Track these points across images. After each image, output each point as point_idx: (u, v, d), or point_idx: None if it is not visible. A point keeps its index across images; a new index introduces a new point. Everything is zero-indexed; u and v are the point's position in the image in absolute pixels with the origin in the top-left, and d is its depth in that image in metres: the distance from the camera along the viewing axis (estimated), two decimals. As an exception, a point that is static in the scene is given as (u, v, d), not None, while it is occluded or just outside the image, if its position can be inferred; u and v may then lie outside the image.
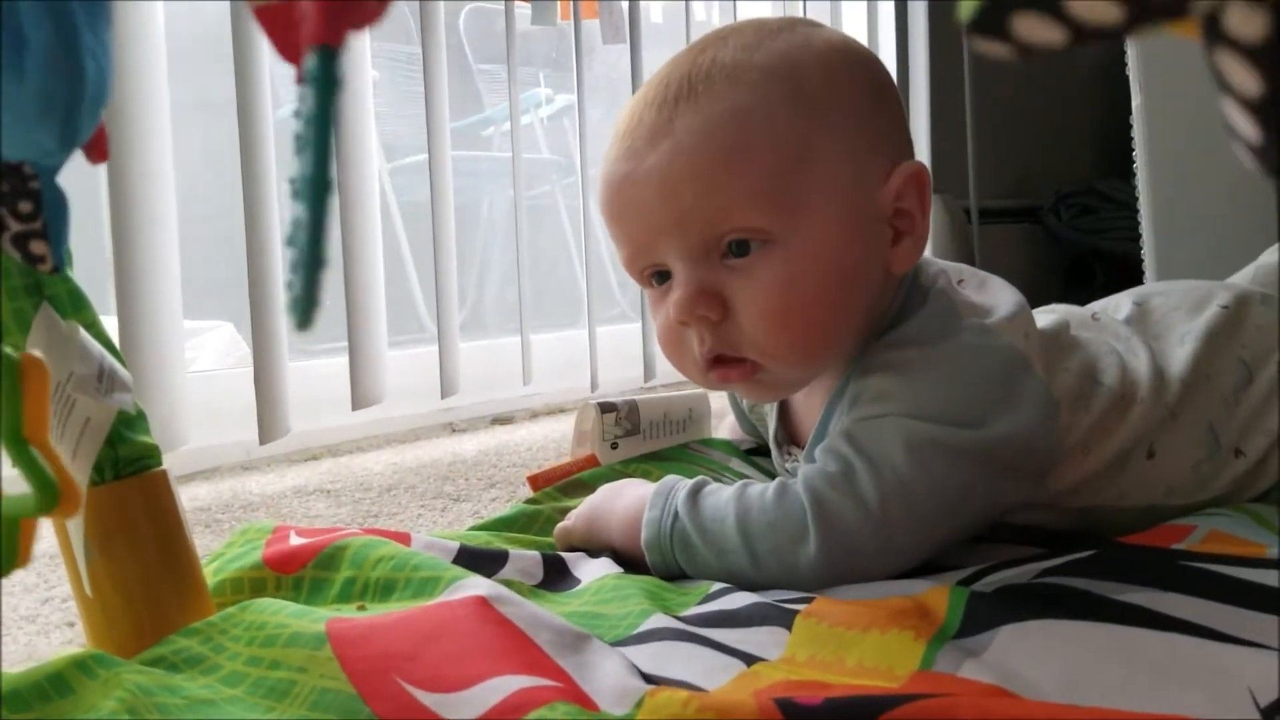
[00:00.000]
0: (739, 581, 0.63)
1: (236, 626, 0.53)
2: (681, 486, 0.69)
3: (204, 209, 1.93)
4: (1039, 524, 0.71)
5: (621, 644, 0.54)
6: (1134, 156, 1.39)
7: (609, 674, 0.48)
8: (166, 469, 0.56)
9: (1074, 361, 0.70)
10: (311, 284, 0.27)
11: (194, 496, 1.11)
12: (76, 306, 0.54)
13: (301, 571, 0.63)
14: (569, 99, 2.79)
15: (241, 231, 1.17)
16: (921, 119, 2.17)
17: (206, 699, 0.47)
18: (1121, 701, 0.44)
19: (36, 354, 0.43)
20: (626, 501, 0.71)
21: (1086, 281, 2.20)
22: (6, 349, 0.42)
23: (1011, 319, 0.68)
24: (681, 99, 0.67)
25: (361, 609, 0.58)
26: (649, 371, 1.73)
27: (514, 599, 0.55)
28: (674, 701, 0.44)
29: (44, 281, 0.52)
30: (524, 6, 1.66)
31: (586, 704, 0.45)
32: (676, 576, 0.66)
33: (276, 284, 1.19)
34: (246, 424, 1.20)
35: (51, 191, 0.41)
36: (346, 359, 1.28)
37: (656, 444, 0.91)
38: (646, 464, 0.88)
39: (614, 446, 0.88)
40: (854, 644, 0.52)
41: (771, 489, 0.66)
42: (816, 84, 0.68)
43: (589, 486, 0.80)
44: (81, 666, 0.48)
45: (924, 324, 0.69)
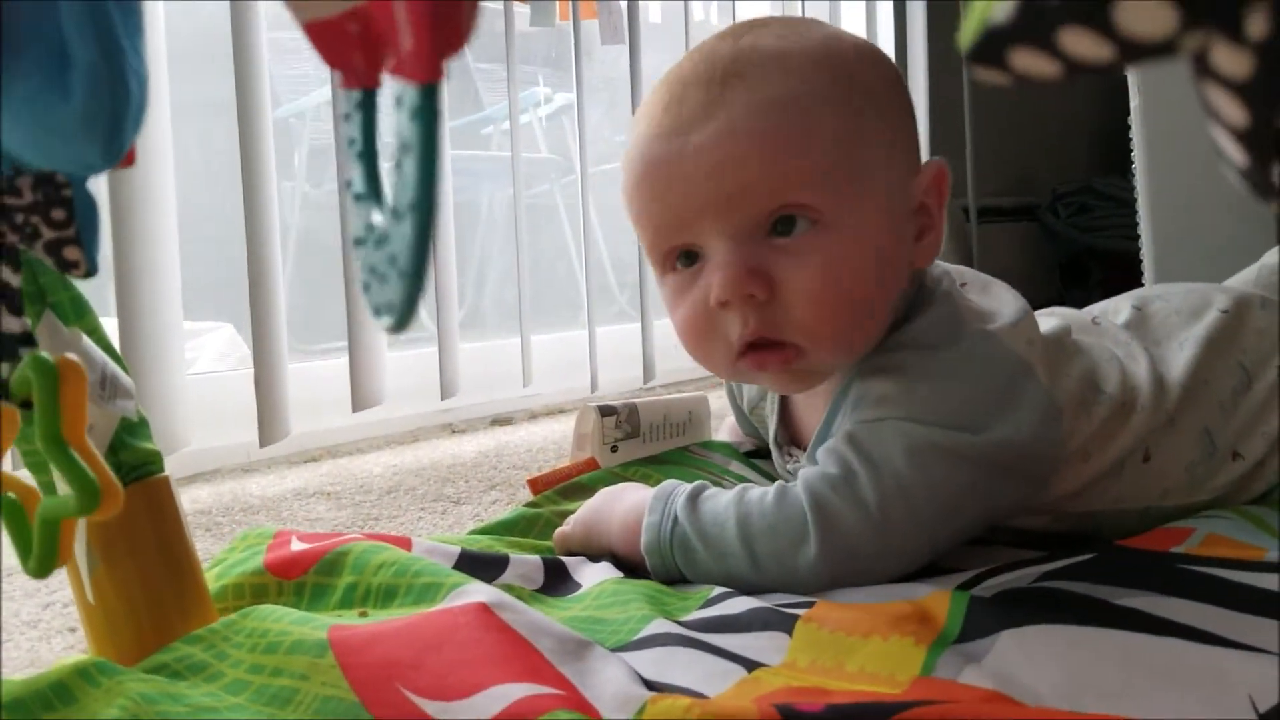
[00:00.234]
0: (740, 585, 0.64)
1: (239, 634, 0.53)
2: (680, 491, 0.69)
3: (203, 209, 1.94)
4: (1039, 528, 0.71)
5: (623, 649, 0.54)
6: (1132, 154, 1.39)
7: (610, 681, 0.48)
8: (168, 474, 0.57)
9: (1076, 368, 0.71)
10: (413, 297, 0.31)
11: (195, 499, 1.11)
12: (79, 313, 0.54)
13: (303, 577, 0.63)
14: (568, 98, 2.79)
15: (241, 232, 1.17)
16: (920, 117, 2.16)
17: (209, 706, 0.47)
18: (1121, 707, 0.45)
19: (72, 357, 0.43)
20: (625, 507, 0.71)
21: (1083, 279, 2.20)
22: (43, 353, 0.43)
23: (1015, 325, 0.68)
24: (731, 78, 0.66)
25: (364, 615, 0.58)
26: (649, 372, 1.73)
27: (515, 605, 0.55)
28: (675, 709, 0.44)
29: (46, 288, 0.52)
30: (522, 7, 1.66)
31: (588, 711, 0.45)
32: (677, 581, 0.67)
33: (276, 285, 1.20)
34: (247, 426, 1.20)
35: (83, 197, 0.42)
36: (346, 360, 1.28)
37: (656, 447, 0.91)
38: (646, 467, 0.88)
39: (614, 449, 0.89)
40: (855, 650, 0.52)
41: (771, 492, 0.66)
42: (861, 76, 0.69)
43: (589, 490, 0.80)
44: (84, 674, 0.48)
45: (928, 327, 0.69)
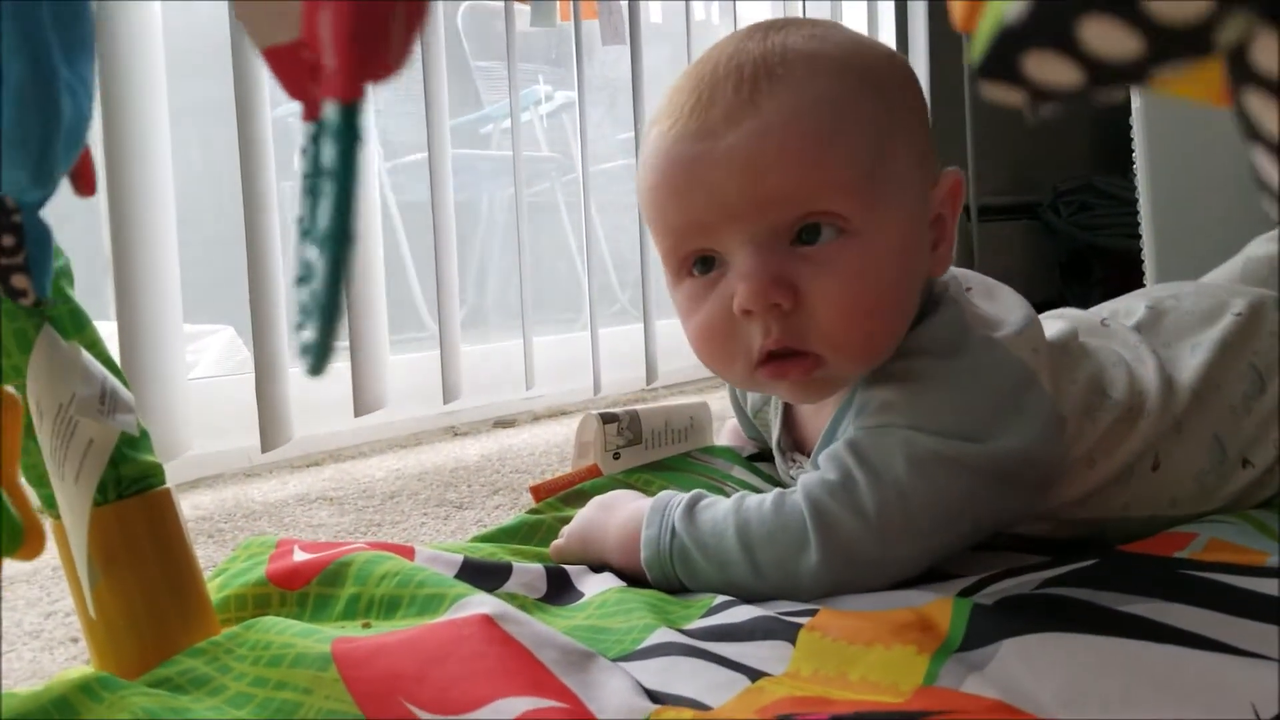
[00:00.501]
0: (741, 593, 0.64)
1: (242, 646, 0.53)
2: (677, 502, 0.68)
3: (203, 212, 1.93)
4: (1043, 535, 0.71)
5: (626, 659, 0.54)
6: (1133, 152, 1.39)
7: (615, 693, 0.48)
8: (170, 487, 0.57)
9: (1082, 373, 0.70)
10: (327, 333, 0.28)
11: (197, 505, 1.11)
12: (78, 326, 0.54)
13: (306, 588, 0.63)
14: (568, 96, 2.79)
15: (241, 235, 1.17)
16: (921, 115, 2.17)
17: (213, 720, 0.48)
18: (1123, 715, 0.44)
19: (9, 390, 0.43)
20: (621, 519, 0.71)
21: (1084, 278, 2.20)
22: None
23: (1020, 333, 0.68)
24: (762, 79, 0.65)
25: (367, 626, 0.58)
26: (651, 373, 1.73)
27: (519, 617, 0.55)
28: (679, 721, 0.44)
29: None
30: (523, 6, 1.65)
31: (592, 724, 0.45)
32: (678, 590, 0.67)
33: (277, 289, 1.20)
34: (249, 430, 1.20)
35: (34, 225, 0.41)
36: (348, 364, 1.28)
37: (659, 453, 0.91)
38: (649, 473, 0.88)
39: (616, 456, 0.88)
40: (858, 659, 0.52)
41: (769, 499, 0.66)
42: (889, 82, 0.68)
43: (590, 497, 0.80)
44: (86, 689, 0.48)
45: (934, 333, 0.69)
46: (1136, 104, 1.35)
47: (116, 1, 1.06)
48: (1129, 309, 0.80)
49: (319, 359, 0.28)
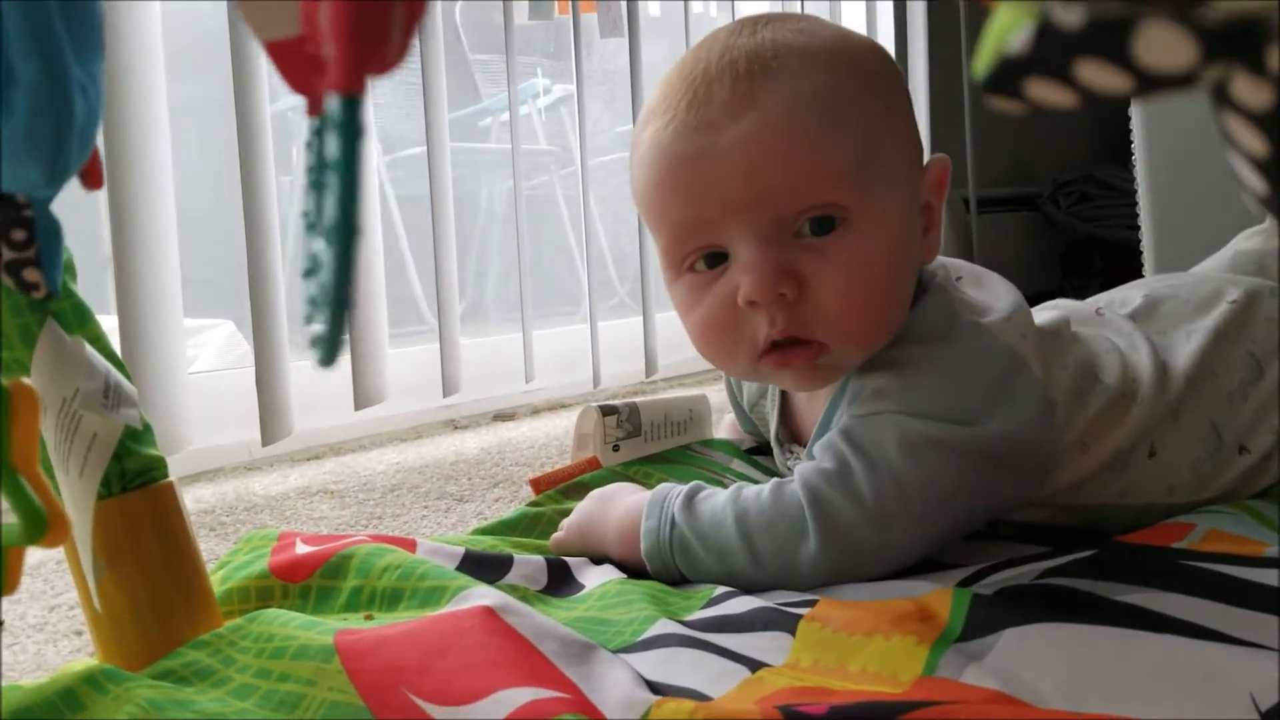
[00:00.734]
0: (741, 583, 0.64)
1: (245, 638, 0.53)
2: (676, 494, 0.69)
3: (202, 207, 1.93)
4: (1040, 522, 0.71)
5: (627, 650, 0.54)
6: (1132, 144, 1.39)
7: (616, 684, 0.48)
8: (173, 481, 0.57)
9: (1072, 358, 0.71)
10: (338, 325, 0.28)
11: (198, 498, 1.11)
12: (81, 321, 0.54)
13: (308, 580, 0.63)
14: (566, 89, 2.78)
15: (240, 229, 1.17)
16: (920, 107, 2.17)
17: (217, 712, 0.48)
18: (1123, 706, 0.45)
19: (25, 381, 0.43)
20: (620, 512, 0.71)
21: (1084, 269, 2.20)
22: None
23: (1009, 319, 0.68)
24: (758, 74, 0.65)
25: (369, 618, 0.58)
26: (650, 367, 1.73)
27: (520, 609, 0.55)
28: (680, 712, 0.44)
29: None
30: (521, 1, 1.65)
31: (594, 715, 0.45)
32: (678, 582, 0.67)
33: (277, 283, 1.20)
34: (249, 424, 1.21)
35: (45, 219, 0.41)
36: (348, 358, 1.28)
37: (658, 445, 0.92)
38: (648, 466, 0.88)
39: (616, 449, 0.89)
40: (857, 649, 0.52)
41: (767, 489, 0.66)
42: (876, 73, 0.69)
43: (590, 489, 0.80)
44: (91, 681, 0.48)
45: (923, 320, 0.69)
46: (1135, 95, 1.35)
47: (117, 0, 1.06)
48: (1125, 299, 0.81)
49: (329, 351, 0.29)
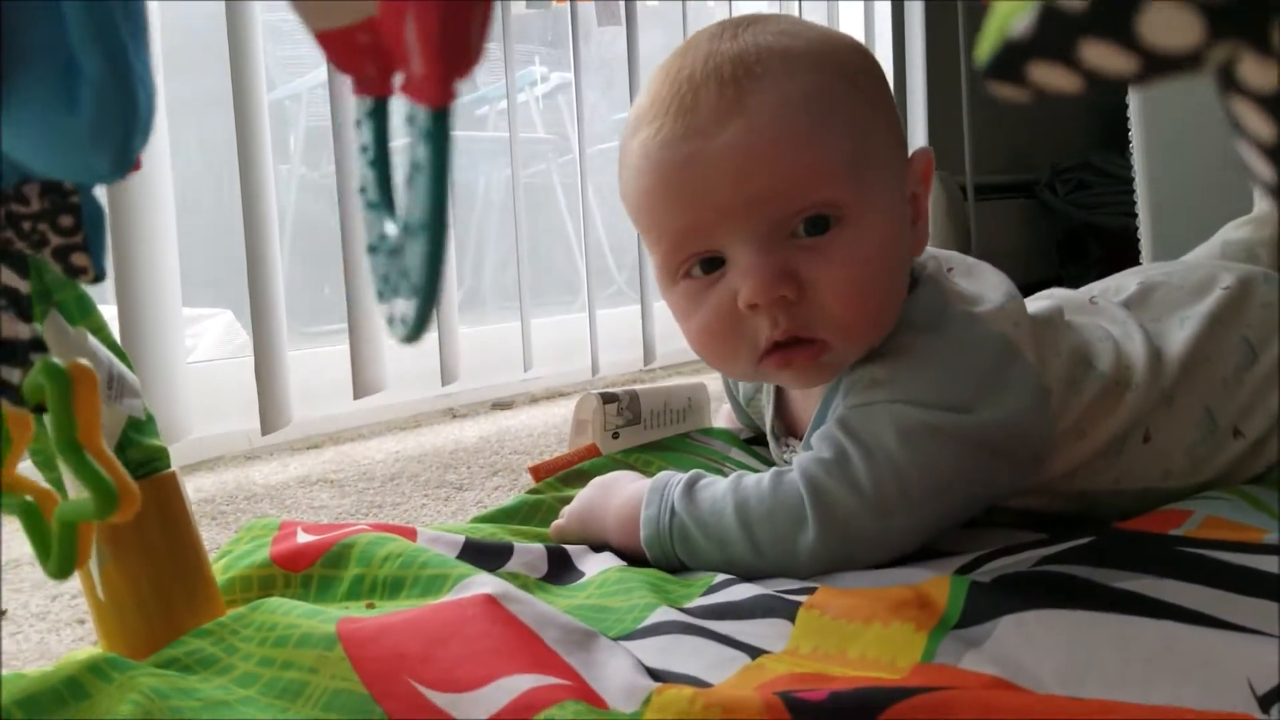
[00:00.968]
0: (740, 571, 0.64)
1: (248, 627, 0.54)
2: (676, 482, 0.69)
3: (200, 194, 1.93)
4: (1037, 508, 0.71)
5: (628, 638, 0.55)
6: (1130, 131, 1.39)
7: (617, 672, 0.49)
8: (175, 470, 0.57)
9: (1065, 346, 0.71)
10: (426, 313, 0.32)
11: (199, 488, 1.11)
12: (84, 312, 0.54)
13: (310, 569, 0.63)
14: (564, 77, 2.78)
15: (238, 217, 1.17)
16: (918, 95, 2.17)
17: (221, 700, 0.48)
18: (1120, 692, 0.45)
19: (83, 362, 0.44)
20: (621, 500, 0.72)
21: (1082, 256, 2.20)
22: (54, 359, 0.43)
23: (1001, 308, 0.69)
24: (743, 79, 0.65)
25: (371, 607, 0.59)
26: (649, 355, 1.73)
27: (522, 597, 0.55)
28: (680, 699, 0.45)
29: (51, 287, 0.53)
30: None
31: (596, 702, 0.46)
32: (678, 570, 0.67)
33: (276, 272, 1.20)
34: (248, 413, 1.21)
35: (90, 204, 0.42)
36: (347, 346, 1.28)
37: (657, 433, 0.92)
38: (647, 454, 0.89)
39: (615, 436, 0.89)
40: (856, 636, 0.53)
41: (767, 478, 0.67)
42: (861, 72, 0.70)
43: (590, 477, 0.80)
44: (95, 670, 0.48)
45: (916, 311, 0.70)
46: (1133, 83, 1.35)
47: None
48: (1119, 286, 0.81)
49: (416, 329, 0.32)
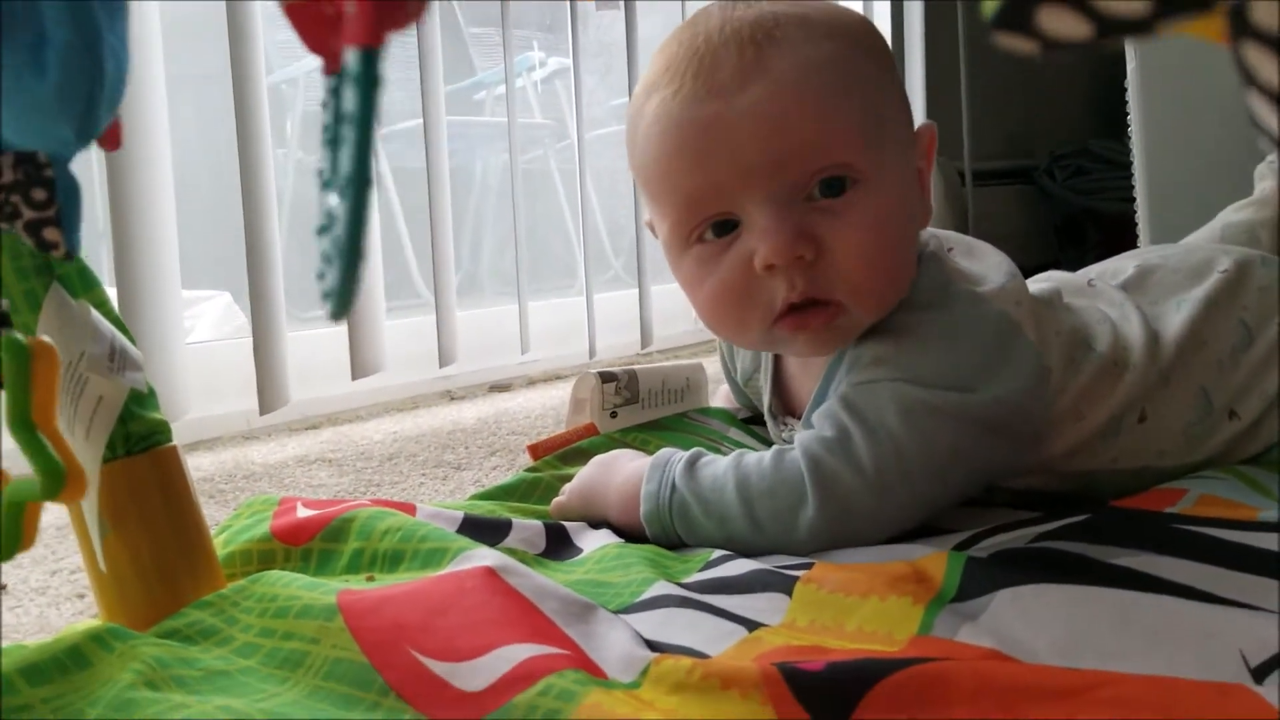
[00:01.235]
0: (739, 548, 0.65)
1: (249, 599, 0.54)
2: (678, 458, 0.70)
3: (199, 177, 1.93)
4: (1034, 487, 0.72)
5: (626, 611, 0.55)
6: (1128, 117, 1.39)
7: (615, 643, 0.49)
8: (176, 445, 0.57)
9: (1064, 326, 0.71)
10: (351, 277, 0.28)
11: (197, 467, 1.11)
12: (87, 286, 0.54)
13: (310, 543, 0.64)
14: (562, 62, 2.78)
15: (237, 199, 1.17)
16: (917, 79, 2.17)
17: (222, 670, 0.48)
18: (1116, 664, 0.45)
19: (45, 339, 0.43)
20: (622, 477, 0.72)
21: (1080, 242, 2.20)
22: (14, 333, 0.43)
23: (1003, 287, 0.69)
24: (763, 42, 0.66)
25: (370, 580, 0.59)
26: (646, 338, 1.73)
27: (520, 569, 0.56)
28: (678, 669, 0.45)
29: (55, 261, 0.53)
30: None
31: (594, 672, 0.46)
32: (677, 546, 0.68)
33: (274, 253, 1.20)
34: (247, 394, 1.21)
35: (65, 179, 0.41)
36: (345, 328, 1.29)
37: (655, 413, 0.92)
38: (645, 433, 0.89)
39: (613, 415, 0.89)
40: (853, 609, 0.53)
41: (768, 456, 0.67)
42: (873, 43, 0.71)
43: (588, 455, 0.81)
44: (97, 639, 0.49)
45: (918, 289, 0.70)
46: (1132, 67, 1.35)
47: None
48: (1117, 269, 0.82)
49: (342, 302, 0.29)
